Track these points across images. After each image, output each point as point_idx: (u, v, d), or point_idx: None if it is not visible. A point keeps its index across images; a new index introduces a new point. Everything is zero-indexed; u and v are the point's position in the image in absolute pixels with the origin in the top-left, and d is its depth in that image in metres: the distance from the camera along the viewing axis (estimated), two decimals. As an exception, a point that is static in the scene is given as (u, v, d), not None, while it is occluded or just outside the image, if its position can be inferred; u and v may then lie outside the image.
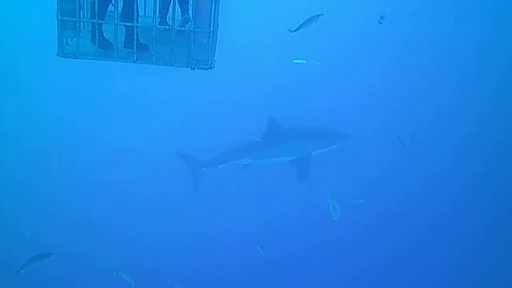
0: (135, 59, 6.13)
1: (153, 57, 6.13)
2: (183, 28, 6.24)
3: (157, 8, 6.19)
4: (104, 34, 6.25)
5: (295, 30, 9.16)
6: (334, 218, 10.70)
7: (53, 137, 17.05)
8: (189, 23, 6.20)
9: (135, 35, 6.03)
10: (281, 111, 14.30)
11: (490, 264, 14.57)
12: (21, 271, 9.98)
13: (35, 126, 17.29)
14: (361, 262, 14.59)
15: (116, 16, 5.94)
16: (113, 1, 6.17)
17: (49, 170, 16.34)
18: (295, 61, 14.18)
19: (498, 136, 17.45)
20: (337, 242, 14.68)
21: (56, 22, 5.85)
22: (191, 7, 6.08)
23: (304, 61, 14.12)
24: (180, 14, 7.07)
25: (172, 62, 6.17)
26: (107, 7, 6.25)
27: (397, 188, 15.88)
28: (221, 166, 13.46)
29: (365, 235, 15.10)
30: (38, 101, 17.89)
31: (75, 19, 5.86)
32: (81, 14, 5.98)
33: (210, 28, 6.16)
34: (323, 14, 8.87)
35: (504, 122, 17.77)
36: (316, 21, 9.00)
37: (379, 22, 10.63)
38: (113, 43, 6.14)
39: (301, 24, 9.10)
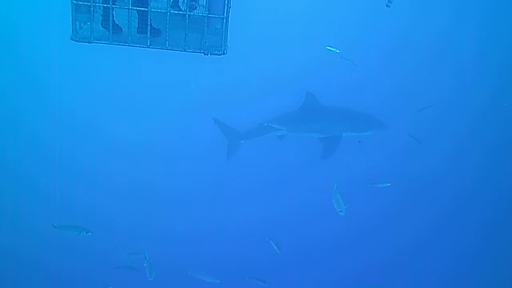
0: (148, 44, 6.13)
1: (167, 42, 6.11)
2: (197, 14, 6.20)
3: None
4: (114, 18, 6.23)
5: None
6: (340, 213, 10.61)
7: (68, 124, 17.13)
8: (197, 9, 6.17)
9: (149, 20, 6.01)
10: (292, 94, 14.21)
11: (490, 263, 14.57)
12: (57, 227, 10.33)
13: (48, 115, 17.36)
14: (364, 257, 14.72)
15: (129, 1, 5.92)
16: None
17: (57, 158, 16.44)
18: (328, 47, 14.13)
19: (500, 133, 17.29)
20: (341, 236, 14.74)
21: (71, 6, 5.84)
22: (206, -7, 6.04)
23: (338, 51, 14.07)
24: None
25: (185, 47, 6.15)
26: None
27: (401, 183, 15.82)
28: (258, 138, 13.63)
29: (367, 231, 15.16)
30: (49, 86, 17.91)
31: (89, 3, 5.84)
32: None
33: (223, 14, 6.12)
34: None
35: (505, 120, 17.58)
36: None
37: (387, 6, 10.50)
38: (123, 28, 6.13)
39: None
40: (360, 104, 14.05)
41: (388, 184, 13.44)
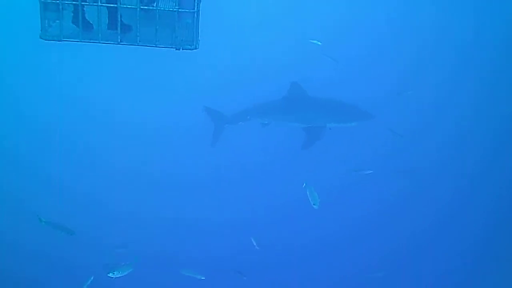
0: (119, 40, 6.11)
1: (138, 38, 6.10)
2: (167, 9, 6.19)
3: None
4: (86, 15, 6.20)
5: None
6: (314, 206, 10.50)
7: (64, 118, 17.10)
8: (157, 3, 6.20)
9: (119, 16, 6.00)
10: (277, 84, 14.20)
11: (489, 262, 14.61)
12: (43, 221, 10.39)
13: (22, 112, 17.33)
14: (360, 251, 14.76)
15: (99, -3, 5.91)
16: None
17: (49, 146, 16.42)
18: (311, 41, 14.15)
19: (499, 125, 17.35)
20: (335, 230, 14.77)
21: (39, 4, 5.80)
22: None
23: (320, 43, 14.14)
24: None
25: (157, 43, 6.14)
26: None
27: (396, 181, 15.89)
28: (242, 123, 13.80)
29: (362, 226, 15.16)
30: (22, 84, 17.84)
31: (57, 1, 5.80)
32: None
33: (194, 8, 6.12)
34: None
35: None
36: None
37: None
38: (94, 24, 6.10)
39: None
40: (345, 95, 14.13)
41: (371, 171, 13.51)
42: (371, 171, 13.54)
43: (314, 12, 18.07)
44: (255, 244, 12.18)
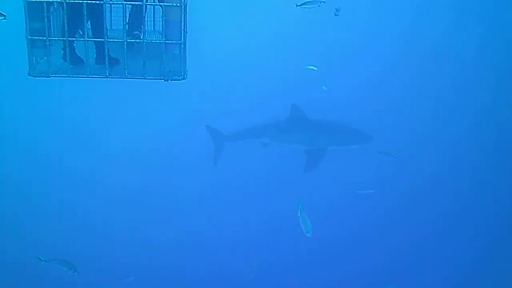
0: (107, 74, 6.15)
1: (126, 71, 6.14)
2: (154, 41, 6.25)
3: (126, 22, 6.21)
4: (75, 50, 6.25)
5: (299, 5, 9.80)
6: (307, 234, 10.19)
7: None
8: (144, 36, 6.26)
9: (106, 50, 6.04)
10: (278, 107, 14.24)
11: (491, 265, 14.47)
12: (43, 261, 10.45)
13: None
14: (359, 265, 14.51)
15: (86, 32, 5.95)
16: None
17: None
18: (308, 67, 14.37)
19: (498, 135, 17.28)
20: (335, 242, 14.61)
21: (26, 42, 5.85)
22: (161, 20, 6.13)
23: (316, 68, 14.32)
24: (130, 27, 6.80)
25: (145, 75, 6.18)
26: (77, 24, 6.21)
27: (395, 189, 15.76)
28: (241, 141, 13.95)
29: (363, 238, 14.97)
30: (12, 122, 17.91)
31: (44, 38, 5.85)
32: (50, 32, 5.96)
33: (181, 39, 6.17)
34: (324, 2, 9.54)
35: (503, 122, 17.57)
36: (319, 5, 9.65)
37: (335, 15, 10.62)
38: (84, 59, 6.15)
39: (305, 2, 9.75)
40: (345, 117, 14.12)
41: (372, 191, 13.44)
42: (372, 190, 13.48)
43: (310, 35, 18.15)
44: (254, 268, 12.13)
